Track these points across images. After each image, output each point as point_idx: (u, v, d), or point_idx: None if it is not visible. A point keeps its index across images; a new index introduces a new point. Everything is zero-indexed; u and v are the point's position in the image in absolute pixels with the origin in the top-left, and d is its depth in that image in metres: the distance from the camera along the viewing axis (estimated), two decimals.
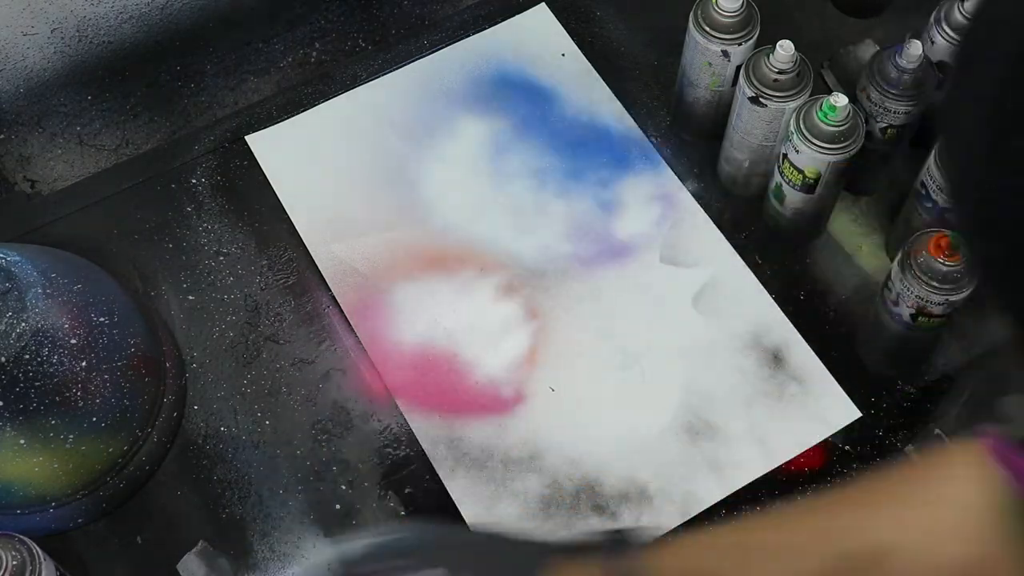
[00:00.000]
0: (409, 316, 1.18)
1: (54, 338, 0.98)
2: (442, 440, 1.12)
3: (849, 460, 1.12)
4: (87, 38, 1.32)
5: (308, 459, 1.12)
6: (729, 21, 1.16)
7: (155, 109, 1.42)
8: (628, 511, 1.09)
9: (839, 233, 1.24)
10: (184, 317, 1.18)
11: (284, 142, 1.28)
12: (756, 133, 1.17)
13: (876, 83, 1.13)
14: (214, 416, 1.14)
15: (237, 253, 1.22)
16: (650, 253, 1.22)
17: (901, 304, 1.08)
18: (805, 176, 1.13)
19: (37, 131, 1.38)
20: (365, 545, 0.81)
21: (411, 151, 1.28)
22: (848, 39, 1.34)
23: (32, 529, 1.03)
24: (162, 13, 1.35)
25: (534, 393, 1.15)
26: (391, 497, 1.10)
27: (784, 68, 1.12)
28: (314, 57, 1.47)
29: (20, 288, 0.97)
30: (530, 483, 1.10)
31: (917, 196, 1.14)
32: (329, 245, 1.22)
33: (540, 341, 1.18)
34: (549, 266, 1.22)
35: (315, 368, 1.16)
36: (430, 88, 1.32)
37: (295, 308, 1.19)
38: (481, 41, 1.35)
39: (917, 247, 1.06)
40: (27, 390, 0.96)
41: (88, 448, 1.03)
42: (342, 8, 1.46)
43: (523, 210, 1.25)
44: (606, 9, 1.38)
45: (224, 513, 1.09)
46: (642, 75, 1.34)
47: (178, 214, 1.24)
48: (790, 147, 1.11)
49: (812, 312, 1.19)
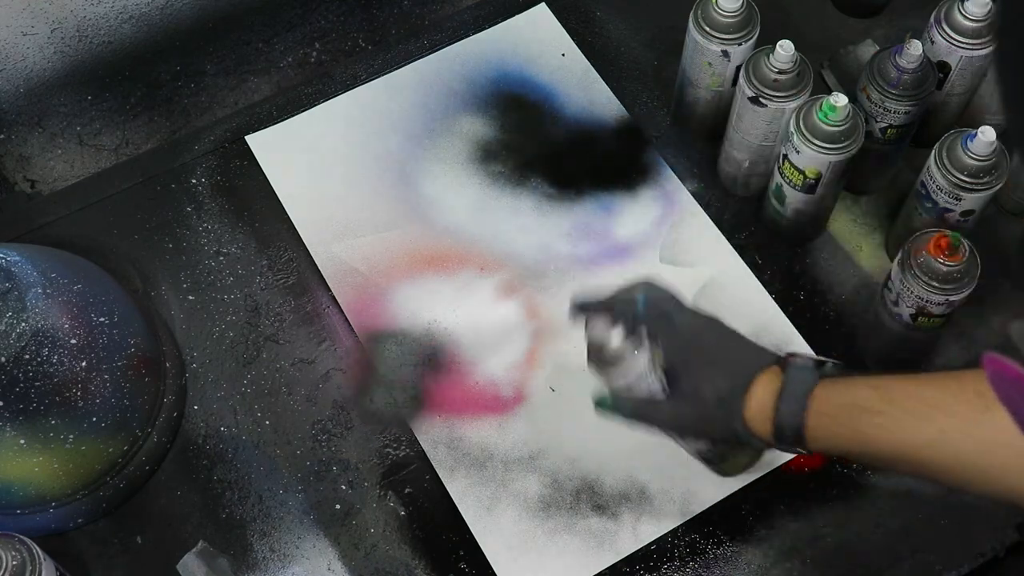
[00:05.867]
0: (409, 316, 1.18)
1: (54, 338, 0.98)
2: (442, 440, 1.12)
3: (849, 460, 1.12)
4: (87, 38, 1.32)
5: (308, 459, 1.12)
6: (729, 21, 1.16)
7: (155, 109, 1.42)
8: (628, 511, 1.09)
9: (839, 233, 1.24)
10: (184, 317, 1.18)
11: (284, 142, 1.28)
12: (756, 133, 1.17)
13: (876, 83, 1.13)
14: (214, 416, 1.14)
15: (237, 253, 1.22)
16: (650, 253, 1.22)
17: (901, 304, 1.08)
18: (805, 176, 1.13)
19: (37, 131, 1.38)
20: (596, 296, 0.99)
21: (411, 151, 1.28)
22: (848, 39, 1.34)
23: (32, 529, 1.03)
24: (162, 13, 1.35)
25: (534, 393, 1.15)
26: (391, 497, 1.10)
27: (784, 68, 1.12)
28: (314, 57, 1.47)
29: (20, 288, 0.97)
30: (530, 483, 1.10)
31: (917, 196, 1.14)
32: (329, 245, 1.22)
33: (540, 341, 1.18)
34: (549, 266, 1.22)
35: (315, 368, 1.16)
36: (430, 88, 1.32)
37: (295, 308, 1.19)
38: (481, 41, 1.35)
39: (917, 247, 1.06)
40: (27, 390, 0.96)
41: (88, 448, 1.03)
42: (342, 8, 1.46)
43: (523, 210, 1.25)
44: (606, 9, 1.38)
45: (224, 513, 1.09)
46: (642, 75, 1.34)
47: (178, 214, 1.24)
48: (790, 147, 1.11)
49: (812, 312, 1.19)
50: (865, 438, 0.85)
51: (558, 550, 1.08)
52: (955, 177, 1.09)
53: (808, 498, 1.10)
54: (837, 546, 1.08)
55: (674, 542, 1.08)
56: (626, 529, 1.08)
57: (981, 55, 1.16)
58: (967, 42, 1.15)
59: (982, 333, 1.18)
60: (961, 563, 1.08)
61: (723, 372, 0.92)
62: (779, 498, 1.10)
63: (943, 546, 1.08)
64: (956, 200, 1.10)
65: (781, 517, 1.09)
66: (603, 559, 1.07)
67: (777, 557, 1.08)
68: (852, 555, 1.08)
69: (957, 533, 1.09)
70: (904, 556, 1.08)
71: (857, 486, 1.11)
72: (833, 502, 1.10)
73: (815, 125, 1.10)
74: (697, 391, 0.92)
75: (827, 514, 1.09)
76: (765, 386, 0.89)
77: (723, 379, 0.91)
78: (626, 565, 1.07)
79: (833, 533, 1.09)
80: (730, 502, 1.10)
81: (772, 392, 0.89)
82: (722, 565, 1.07)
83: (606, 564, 1.07)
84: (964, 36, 1.15)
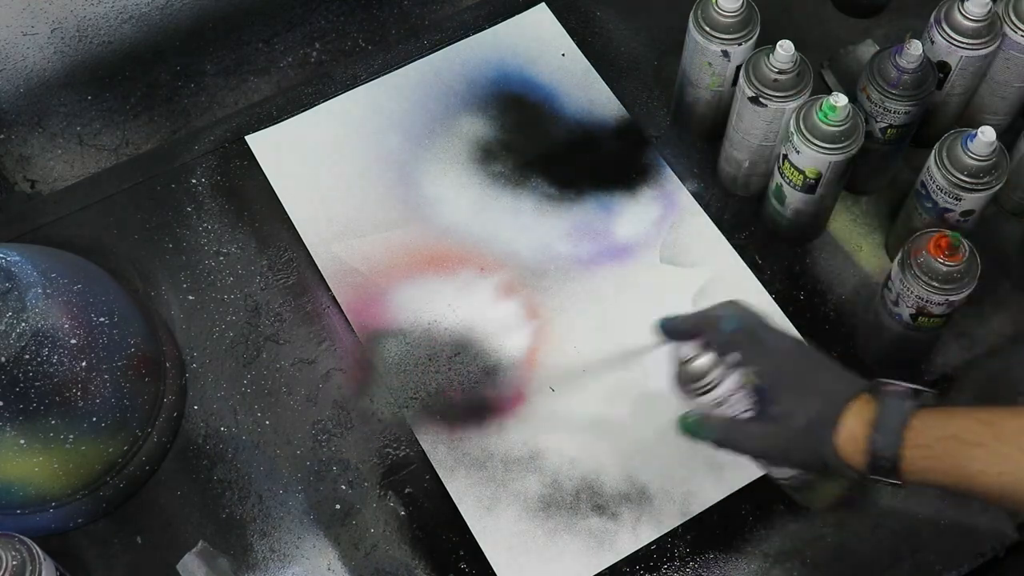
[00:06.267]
0: (409, 316, 1.18)
1: (54, 338, 0.98)
2: (442, 440, 1.12)
3: None
4: (87, 38, 1.32)
5: (308, 459, 1.12)
6: (729, 21, 1.16)
7: (155, 109, 1.42)
8: (628, 511, 1.09)
9: (839, 233, 1.24)
10: (184, 317, 1.18)
11: (284, 142, 1.28)
12: (756, 133, 1.17)
13: (876, 83, 1.13)
14: (214, 416, 1.14)
15: (237, 253, 1.22)
16: (650, 253, 1.22)
17: (901, 304, 1.08)
18: (806, 176, 1.13)
19: (37, 131, 1.38)
20: (687, 315, 0.98)
21: (411, 151, 1.28)
22: (848, 39, 1.34)
23: (32, 529, 1.03)
24: (162, 13, 1.35)
25: (534, 393, 1.15)
26: (391, 497, 1.10)
27: (784, 68, 1.12)
28: (314, 57, 1.47)
29: (20, 288, 0.97)
30: (530, 483, 1.10)
31: (917, 196, 1.14)
32: (329, 245, 1.22)
33: (540, 341, 1.18)
34: (549, 266, 1.22)
35: (315, 368, 1.16)
36: (430, 88, 1.32)
37: (295, 308, 1.19)
38: (481, 41, 1.35)
39: (917, 247, 1.06)
40: (27, 390, 0.96)
41: (88, 448, 1.03)
42: (342, 8, 1.46)
43: (523, 210, 1.25)
44: (606, 9, 1.38)
45: (224, 513, 1.09)
46: (642, 75, 1.34)
47: (178, 214, 1.24)
48: (790, 147, 1.11)
49: (812, 312, 1.19)
50: (968, 473, 0.82)
51: (558, 550, 1.08)
52: (955, 177, 1.09)
53: None
54: (837, 546, 1.08)
55: (674, 542, 1.08)
56: (626, 529, 1.08)
57: (981, 55, 1.16)
58: (967, 42, 1.15)
59: (982, 333, 1.18)
60: (961, 563, 1.08)
61: (814, 397, 0.89)
62: (779, 498, 1.10)
63: (943, 546, 1.08)
64: (956, 200, 1.10)
65: (781, 517, 1.09)
66: (603, 559, 1.07)
67: (777, 557, 1.08)
68: (852, 555, 1.08)
69: (957, 533, 1.09)
70: (904, 556, 1.08)
71: (857, 486, 1.11)
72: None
73: (815, 125, 1.10)
74: (787, 416, 0.90)
75: (827, 514, 1.09)
76: (857, 415, 0.87)
77: (814, 404, 0.89)
78: (626, 565, 1.07)
79: (833, 533, 1.09)
80: (730, 502, 1.10)
81: (865, 422, 0.86)
82: (722, 565, 1.07)
83: (606, 564, 1.07)
84: (964, 36, 1.15)
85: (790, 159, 1.12)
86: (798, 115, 1.11)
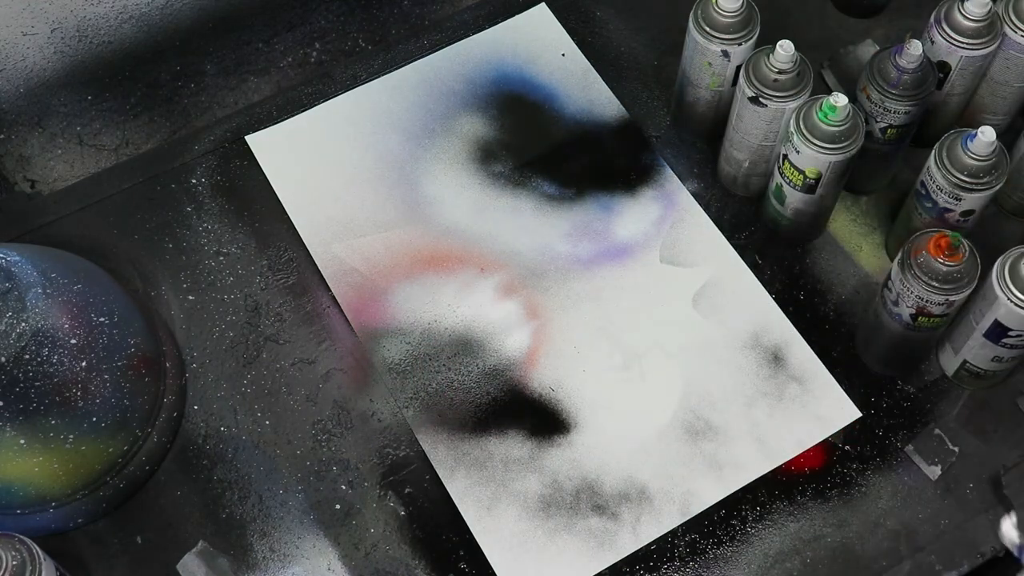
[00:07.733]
0: (409, 316, 1.18)
1: (54, 338, 0.98)
2: (442, 440, 1.12)
3: (849, 460, 1.12)
4: (87, 38, 1.32)
5: (308, 459, 1.12)
6: (729, 21, 1.16)
7: (155, 109, 1.43)
8: (628, 511, 1.09)
9: (839, 233, 1.24)
10: (184, 317, 1.18)
11: (284, 142, 1.29)
12: (756, 133, 1.17)
13: (876, 83, 1.13)
14: (214, 416, 1.14)
15: (237, 253, 1.22)
16: (650, 253, 1.22)
17: (901, 304, 1.08)
18: (806, 176, 1.13)
19: (37, 131, 1.38)
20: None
21: (411, 151, 1.28)
22: (848, 39, 1.34)
23: (32, 529, 1.03)
24: (162, 13, 1.35)
25: (534, 393, 1.15)
26: (391, 497, 1.10)
27: (784, 68, 1.12)
28: (314, 57, 1.48)
29: (20, 288, 0.97)
30: (530, 483, 1.10)
31: (917, 196, 1.14)
32: (329, 245, 1.22)
33: (540, 341, 1.18)
34: (549, 266, 1.22)
35: (315, 368, 1.16)
36: (430, 88, 1.32)
37: (295, 308, 1.19)
38: (481, 41, 1.35)
39: (917, 247, 1.06)
40: (27, 390, 0.96)
41: (88, 448, 1.03)
42: (342, 8, 1.46)
43: (523, 210, 1.25)
44: (606, 9, 1.38)
45: (224, 513, 1.09)
46: (642, 75, 1.34)
47: (178, 214, 1.24)
48: (790, 147, 1.11)
49: (812, 312, 1.19)
50: None
51: (558, 550, 1.08)
52: (955, 177, 1.09)
53: (808, 498, 1.10)
54: (837, 546, 1.08)
55: (674, 542, 1.08)
56: (626, 529, 1.08)
57: (981, 55, 1.16)
58: (967, 42, 1.15)
59: None
60: (961, 563, 1.08)
61: None
62: (779, 498, 1.10)
63: (943, 546, 1.08)
64: (956, 200, 1.10)
65: (781, 517, 1.09)
66: (603, 559, 1.07)
67: (777, 557, 1.08)
68: (852, 555, 1.08)
69: (957, 533, 1.09)
70: (904, 556, 1.08)
71: (857, 486, 1.11)
72: (833, 502, 1.10)
73: (815, 125, 1.10)
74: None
75: (827, 514, 1.09)
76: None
77: None
78: (626, 565, 1.07)
79: (833, 533, 1.09)
80: (730, 502, 1.10)
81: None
82: (722, 565, 1.07)
83: (606, 564, 1.07)
84: (964, 36, 1.15)
85: (790, 159, 1.12)
86: (798, 115, 1.11)
